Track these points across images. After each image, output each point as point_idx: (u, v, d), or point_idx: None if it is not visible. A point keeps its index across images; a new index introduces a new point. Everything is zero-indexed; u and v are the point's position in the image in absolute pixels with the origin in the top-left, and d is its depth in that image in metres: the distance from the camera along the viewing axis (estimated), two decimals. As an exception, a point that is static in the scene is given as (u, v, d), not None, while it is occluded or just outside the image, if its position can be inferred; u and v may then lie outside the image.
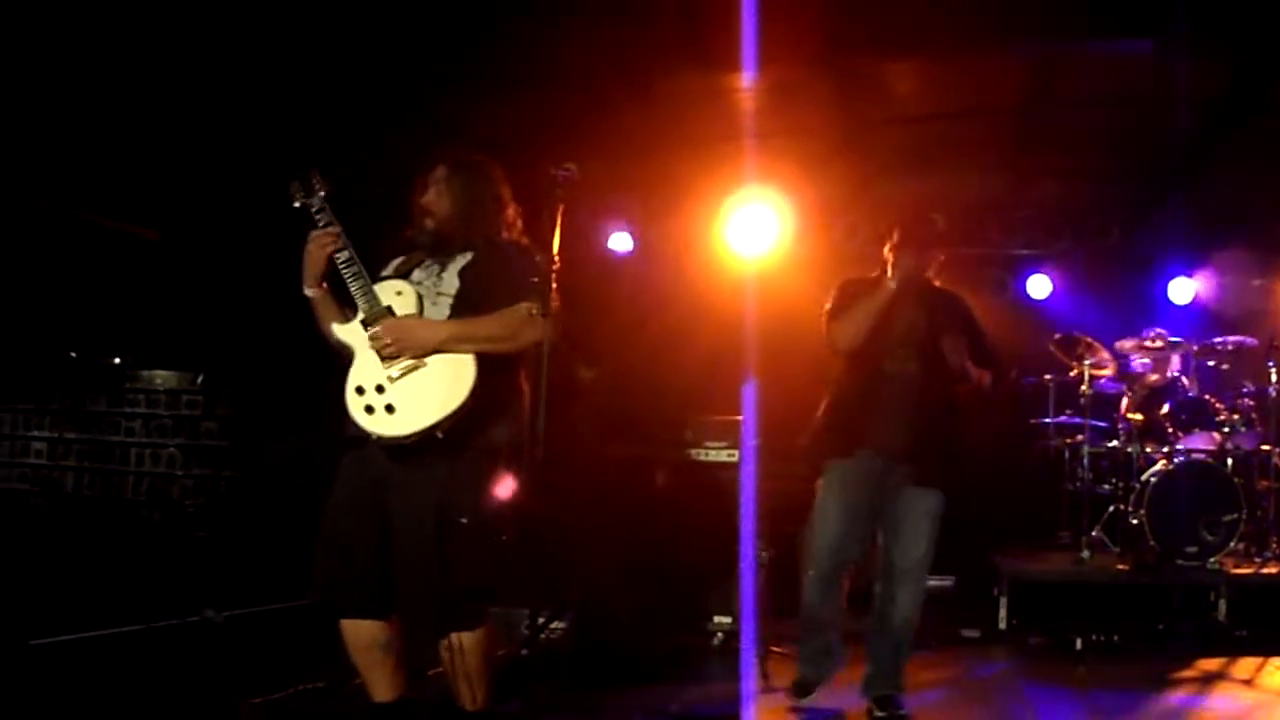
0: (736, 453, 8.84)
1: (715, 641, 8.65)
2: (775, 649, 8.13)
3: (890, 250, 6.80)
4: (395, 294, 5.36)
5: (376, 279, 5.44)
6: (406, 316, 5.29)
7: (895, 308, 6.65)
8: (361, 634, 5.38)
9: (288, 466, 9.74)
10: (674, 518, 8.78)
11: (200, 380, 12.27)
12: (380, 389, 5.21)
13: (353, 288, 5.33)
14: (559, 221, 5.17)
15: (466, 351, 5.23)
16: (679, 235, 10.50)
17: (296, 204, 5.41)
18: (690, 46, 8.08)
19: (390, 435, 5.19)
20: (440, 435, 5.15)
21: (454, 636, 5.27)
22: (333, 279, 5.42)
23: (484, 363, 5.25)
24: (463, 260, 5.48)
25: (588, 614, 8.40)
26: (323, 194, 5.40)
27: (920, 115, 10.21)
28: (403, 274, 5.51)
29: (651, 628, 8.46)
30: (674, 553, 8.68)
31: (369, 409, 5.21)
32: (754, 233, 9.72)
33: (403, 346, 5.21)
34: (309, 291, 5.45)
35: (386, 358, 5.23)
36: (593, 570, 8.56)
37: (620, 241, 10.78)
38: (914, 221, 6.78)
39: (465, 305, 5.38)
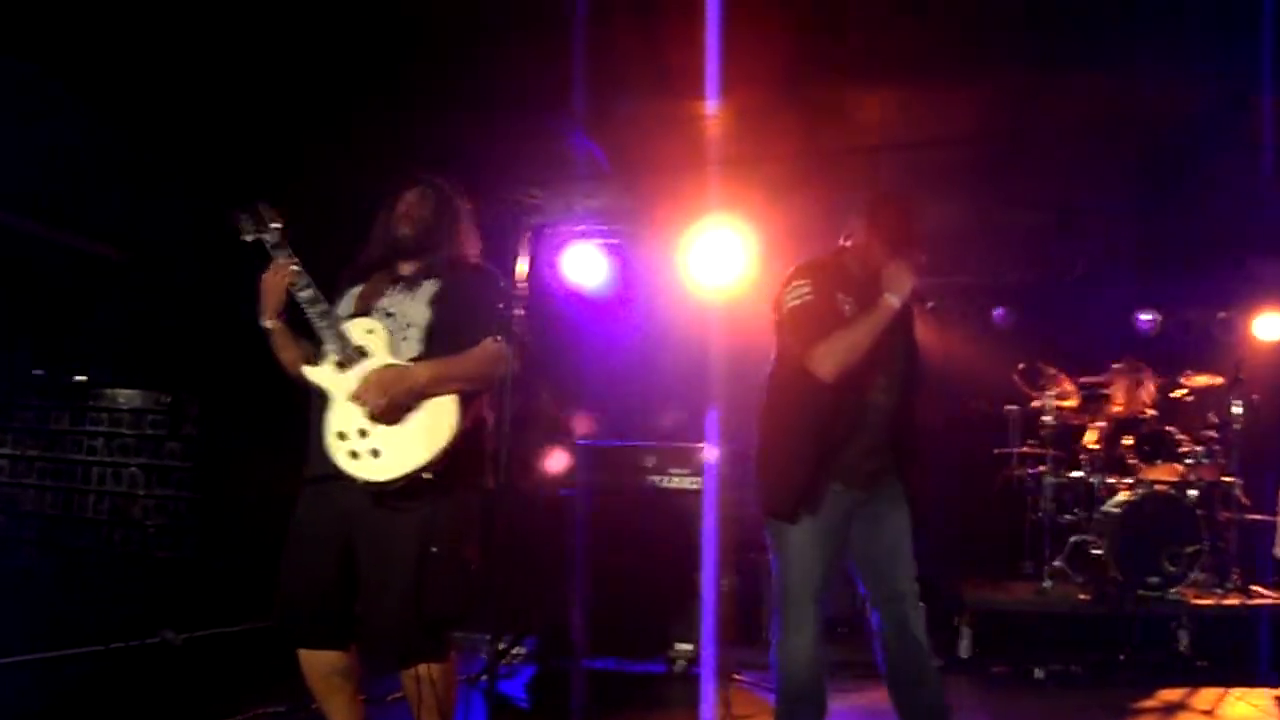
0: (699, 480, 8.85)
1: (677, 669, 8.64)
2: (736, 677, 8.14)
3: (881, 251, 5.81)
4: (366, 332, 5.31)
5: (339, 308, 5.44)
6: (385, 367, 5.21)
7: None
8: (319, 663, 5.35)
9: (251, 489, 9.69)
10: (636, 545, 8.77)
11: (166, 400, 12.22)
12: (363, 433, 5.16)
13: (321, 329, 5.28)
14: (525, 248, 5.16)
15: (446, 393, 5.21)
16: (644, 262, 10.50)
17: (247, 238, 5.36)
18: (655, 72, 8.07)
19: (378, 480, 5.13)
20: (427, 476, 5.11)
21: (421, 667, 5.22)
22: (293, 308, 5.37)
23: (461, 399, 5.23)
24: (430, 288, 5.43)
25: (550, 640, 8.40)
26: (276, 226, 5.35)
27: (887, 144, 10.23)
28: (368, 304, 5.46)
29: (613, 654, 8.45)
30: (636, 580, 8.67)
31: (354, 454, 5.15)
32: (718, 261, 9.70)
33: (389, 403, 5.13)
34: (267, 324, 5.41)
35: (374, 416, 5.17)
36: (555, 597, 8.56)
37: (589, 267, 10.76)
38: (907, 216, 5.93)
39: (436, 338, 5.33)
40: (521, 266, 5.24)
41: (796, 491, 5.70)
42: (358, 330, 5.31)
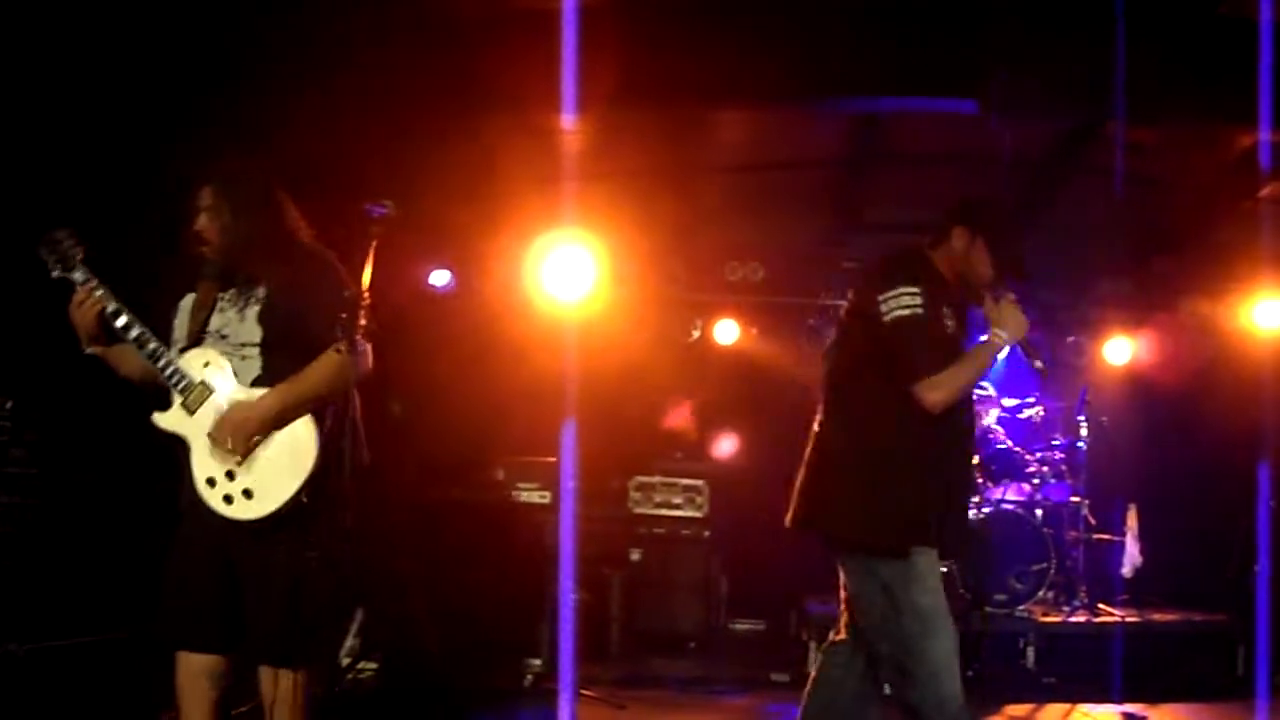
0: (549, 494, 8.84)
1: (526, 683, 8.61)
2: (585, 692, 8.12)
3: (982, 263, 5.41)
4: (203, 365, 5.15)
5: (175, 326, 5.27)
6: (233, 407, 5.05)
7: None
8: (193, 664, 5.21)
9: (98, 496, 9.52)
10: (486, 559, 8.74)
11: (8, 405, 11.95)
12: (231, 475, 5.04)
13: (158, 368, 5.12)
14: (371, 258, 5.06)
15: (299, 416, 5.10)
16: (500, 276, 10.46)
17: (55, 274, 5.14)
18: (513, 86, 8.05)
19: (256, 518, 5.04)
20: (305, 500, 5.01)
21: (284, 671, 5.11)
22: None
23: (315, 416, 5.12)
24: (259, 300, 5.21)
25: (399, 655, 8.33)
26: (80, 257, 5.13)
27: (747, 164, 10.30)
28: (200, 323, 5.25)
29: (462, 668, 8.40)
30: (486, 594, 8.64)
31: (227, 499, 5.03)
32: (570, 276, 9.63)
33: (243, 439, 5.01)
34: (89, 351, 5.23)
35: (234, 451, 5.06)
36: (404, 611, 8.50)
37: (440, 280, 10.67)
38: (1017, 228, 5.63)
39: (275, 354, 5.17)
40: (368, 276, 5.12)
41: (925, 519, 5.18)
42: (195, 365, 5.12)
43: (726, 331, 12.03)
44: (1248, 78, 7.87)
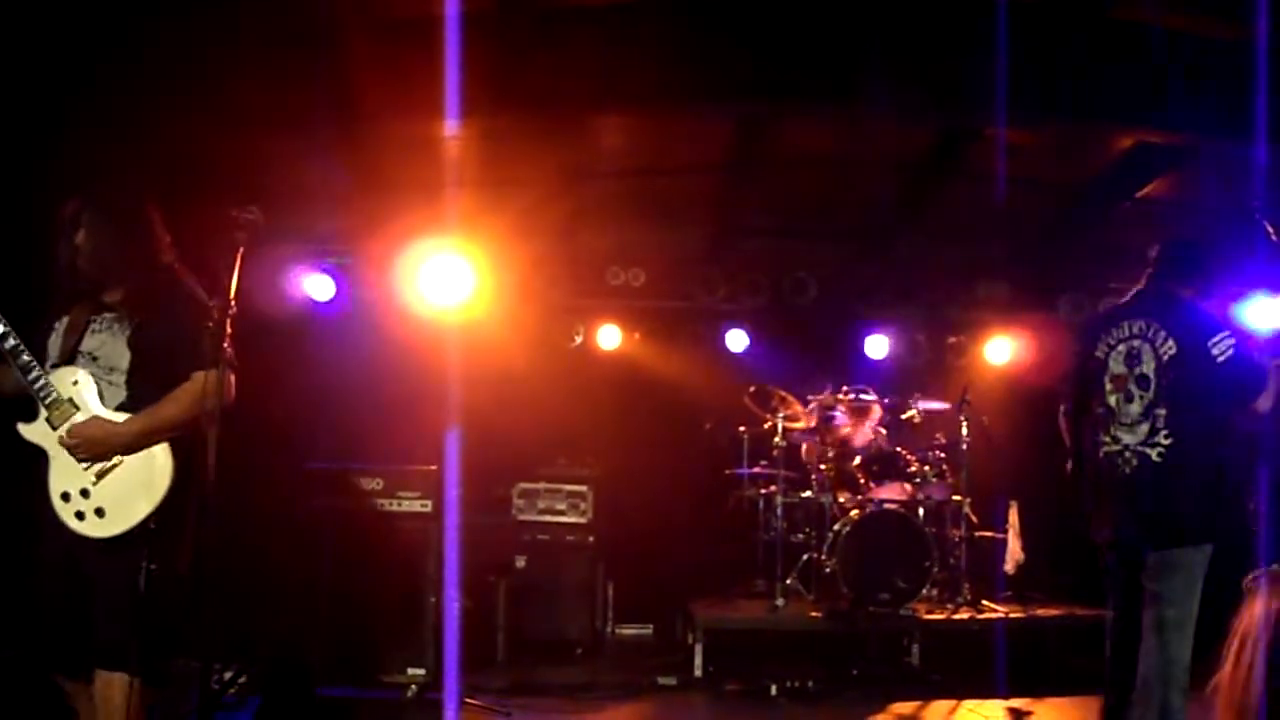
0: (431, 502, 8.79)
1: (410, 693, 8.54)
2: (471, 701, 8.08)
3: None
4: (72, 383, 5.32)
5: (50, 344, 5.42)
6: (91, 421, 5.25)
7: None
8: (81, 690, 5.36)
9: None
10: (368, 568, 8.68)
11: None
12: (85, 493, 5.24)
13: (28, 383, 5.27)
14: (237, 266, 5.06)
15: (157, 442, 5.28)
16: (380, 283, 10.37)
17: None
18: (394, 91, 7.99)
19: (104, 537, 5.22)
20: (153, 526, 5.22)
21: (118, 676, 5.21)
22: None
23: (173, 443, 5.30)
24: (129, 324, 5.36)
25: (278, 665, 8.24)
26: None
27: (625, 169, 10.28)
28: (72, 344, 5.39)
29: (344, 679, 8.33)
30: (368, 603, 8.58)
31: (79, 515, 5.24)
32: (451, 282, 9.54)
33: (95, 454, 5.23)
34: None
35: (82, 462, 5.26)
36: (283, 622, 8.42)
37: (319, 288, 10.53)
38: None
39: (141, 380, 5.35)
40: (235, 284, 5.13)
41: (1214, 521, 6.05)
42: (64, 382, 5.32)
43: (609, 336, 12.03)
44: (1133, 79, 7.99)
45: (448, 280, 9.44)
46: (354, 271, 10.53)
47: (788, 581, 10.50)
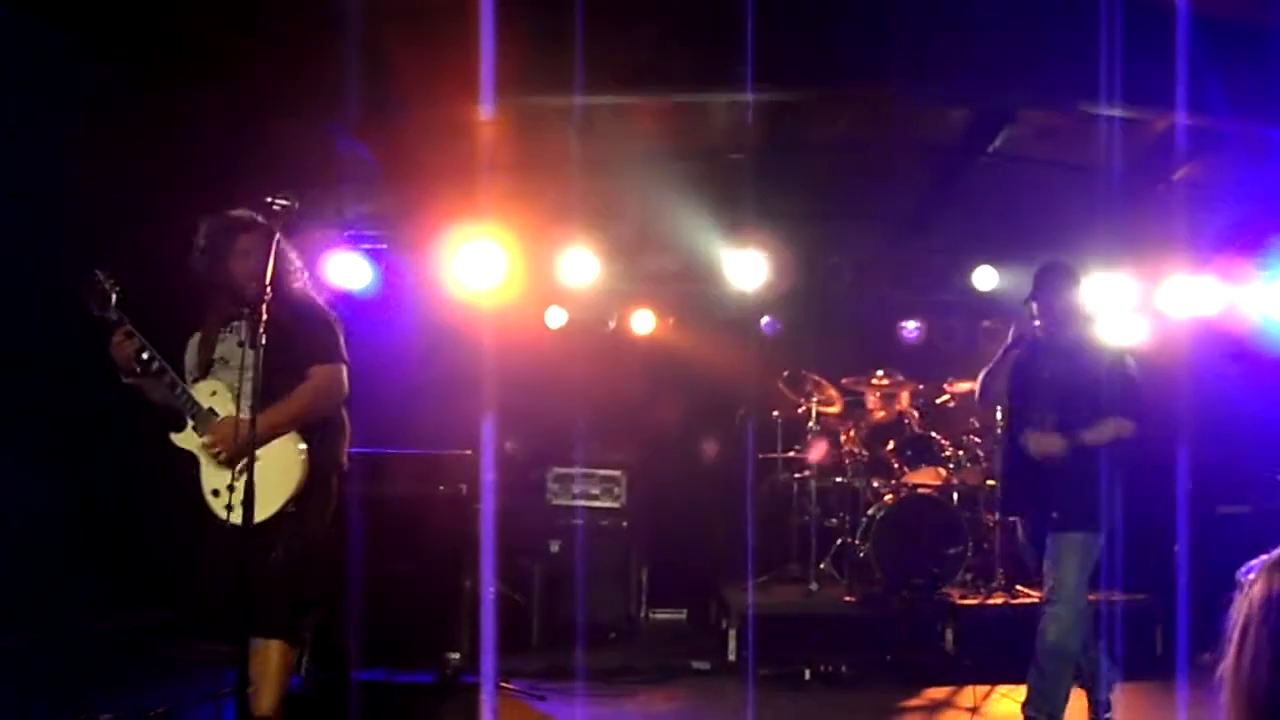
0: (467, 487, 8.81)
1: (446, 677, 8.55)
2: (506, 685, 8.10)
3: None
4: (210, 394, 6.11)
5: (186, 358, 6.25)
6: (224, 421, 6.00)
7: None
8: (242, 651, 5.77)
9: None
10: (404, 553, 8.69)
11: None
12: (231, 488, 5.87)
13: (174, 398, 6.03)
14: (273, 252, 5.21)
15: (285, 433, 6.04)
16: (415, 268, 10.35)
17: (96, 313, 5.87)
18: (428, 75, 7.99)
19: (253, 524, 5.63)
20: (292, 509, 6.04)
21: (274, 644, 6.03)
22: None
23: (303, 432, 6.13)
24: (255, 331, 5.71)
25: (317, 650, 8.27)
26: (114, 298, 5.87)
27: (659, 152, 10.26)
28: (207, 357, 6.21)
29: (381, 663, 8.35)
30: (404, 588, 8.60)
31: (229, 507, 5.89)
32: (483, 267, 9.50)
33: (232, 453, 5.90)
34: (126, 381, 6.02)
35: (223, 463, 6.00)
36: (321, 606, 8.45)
37: (355, 274, 10.50)
38: None
39: (271, 380, 5.75)
40: (271, 270, 5.40)
41: None
42: (204, 394, 6.10)
43: (643, 321, 12.03)
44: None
45: (482, 265, 9.42)
46: (389, 257, 10.52)
47: (821, 566, 10.53)
